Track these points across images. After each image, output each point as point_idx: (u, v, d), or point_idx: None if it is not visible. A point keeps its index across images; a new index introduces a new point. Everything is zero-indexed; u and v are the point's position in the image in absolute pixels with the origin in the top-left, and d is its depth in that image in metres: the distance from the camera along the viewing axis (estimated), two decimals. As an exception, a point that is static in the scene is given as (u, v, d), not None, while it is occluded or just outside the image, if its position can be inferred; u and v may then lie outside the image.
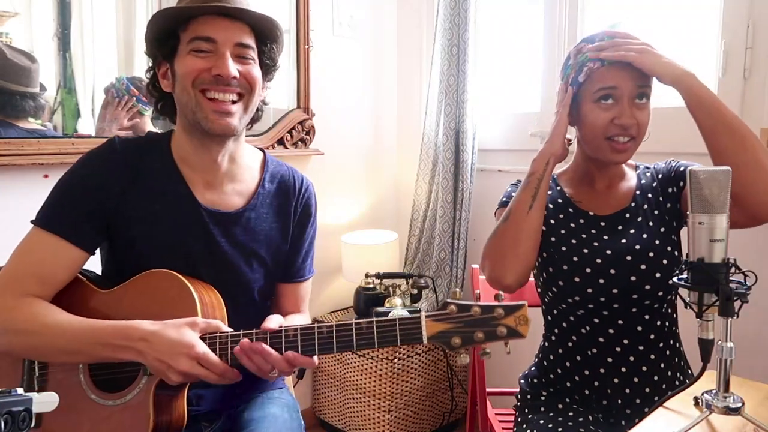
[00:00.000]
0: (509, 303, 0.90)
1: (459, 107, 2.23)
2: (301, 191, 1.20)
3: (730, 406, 0.86)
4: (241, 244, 1.11)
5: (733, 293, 0.82)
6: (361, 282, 2.21)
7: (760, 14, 1.65)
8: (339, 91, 2.35)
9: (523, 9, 2.27)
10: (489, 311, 0.90)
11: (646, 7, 1.97)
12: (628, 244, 1.14)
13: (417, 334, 0.90)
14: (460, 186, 2.25)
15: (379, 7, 2.48)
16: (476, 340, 0.89)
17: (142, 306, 1.00)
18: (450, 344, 0.89)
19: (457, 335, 0.89)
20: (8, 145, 1.49)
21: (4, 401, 0.58)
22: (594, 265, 1.14)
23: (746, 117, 1.69)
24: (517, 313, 0.90)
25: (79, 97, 1.68)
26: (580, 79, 1.14)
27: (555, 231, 1.20)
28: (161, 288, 1.01)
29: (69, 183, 1.05)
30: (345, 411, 2.21)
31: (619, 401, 1.14)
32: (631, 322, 1.14)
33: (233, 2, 1.02)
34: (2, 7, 1.53)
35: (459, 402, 2.33)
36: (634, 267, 1.12)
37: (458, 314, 0.90)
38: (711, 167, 0.87)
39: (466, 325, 0.90)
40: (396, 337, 0.91)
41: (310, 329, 0.94)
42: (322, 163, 2.28)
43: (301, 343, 0.94)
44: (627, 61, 1.08)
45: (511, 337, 0.89)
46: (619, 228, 1.17)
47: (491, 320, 0.89)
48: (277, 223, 1.17)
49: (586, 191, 1.23)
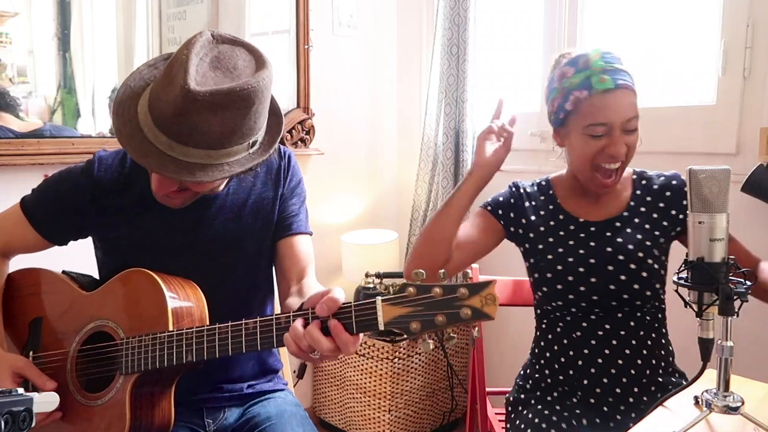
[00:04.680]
0: (475, 282, 0.79)
1: (459, 107, 2.23)
2: (284, 156, 1.19)
3: (730, 406, 0.86)
4: (233, 218, 1.12)
5: (733, 292, 0.82)
6: (361, 281, 2.20)
7: (759, 13, 1.65)
8: (339, 91, 2.35)
9: (522, 8, 2.26)
10: (451, 291, 0.79)
11: (646, 7, 1.97)
12: (615, 250, 1.16)
13: (372, 321, 0.80)
14: (460, 185, 2.24)
15: (379, 6, 2.48)
16: (437, 324, 0.78)
17: (119, 305, 1.03)
18: (409, 330, 0.79)
19: (416, 320, 0.79)
20: (8, 145, 1.49)
21: (4, 401, 0.59)
22: (576, 274, 1.16)
23: (746, 116, 1.70)
24: (483, 291, 0.78)
25: (79, 97, 1.68)
26: (566, 107, 1.14)
27: (543, 239, 1.22)
28: (135, 286, 1.03)
29: (54, 182, 1.13)
30: (345, 410, 2.21)
31: (610, 399, 1.15)
32: (618, 324, 1.16)
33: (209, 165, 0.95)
34: (2, 7, 1.53)
35: (459, 402, 2.33)
36: (614, 275, 1.14)
37: (417, 296, 0.79)
38: (711, 166, 0.87)
39: (426, 308, 0.79)
40: (352, 325, 0.81)
41: (268, 321, 0.88)
42: (322, 163, 2.28)
43: (260, 337, 0.88)
44: None
45: (478, 319, 0.78)
46: (607, 234, 1.19)
47: (454, 301, 0.78)
48: (266, 189, 1.15)
49: (578, 198, 1.24)
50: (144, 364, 0.95)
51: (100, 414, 0.98)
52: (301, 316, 0.85)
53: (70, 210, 1.10)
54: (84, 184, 1.10)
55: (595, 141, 1.11)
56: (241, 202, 1.13)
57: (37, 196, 1.13)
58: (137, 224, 1.09)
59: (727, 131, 1.72)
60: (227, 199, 1.13)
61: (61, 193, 1.10)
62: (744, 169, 1.55)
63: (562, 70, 1.15)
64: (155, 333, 0.96)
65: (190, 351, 0.93)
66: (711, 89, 1.76)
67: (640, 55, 1.93)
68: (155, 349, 0.95)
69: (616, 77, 1.10)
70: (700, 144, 1.77)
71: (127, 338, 0.98)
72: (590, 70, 1.10)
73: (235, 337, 0.90)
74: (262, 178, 1.16)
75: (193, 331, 0.93)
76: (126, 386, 0.97)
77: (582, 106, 1.11)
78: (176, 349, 0.94)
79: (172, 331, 0.96)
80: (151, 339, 0.96)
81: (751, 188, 1.54)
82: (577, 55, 1.15)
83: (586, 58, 1.12)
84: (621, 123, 1.10)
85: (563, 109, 1.14)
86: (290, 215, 1.18)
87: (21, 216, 1.11)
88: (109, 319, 1.03)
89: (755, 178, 1.53)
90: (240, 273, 1.15)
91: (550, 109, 1.20)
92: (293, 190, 1.19)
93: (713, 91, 1.75)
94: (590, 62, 1.11)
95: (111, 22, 1.74)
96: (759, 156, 1.61)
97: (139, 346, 0.96)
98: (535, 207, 1.26)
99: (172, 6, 1.85)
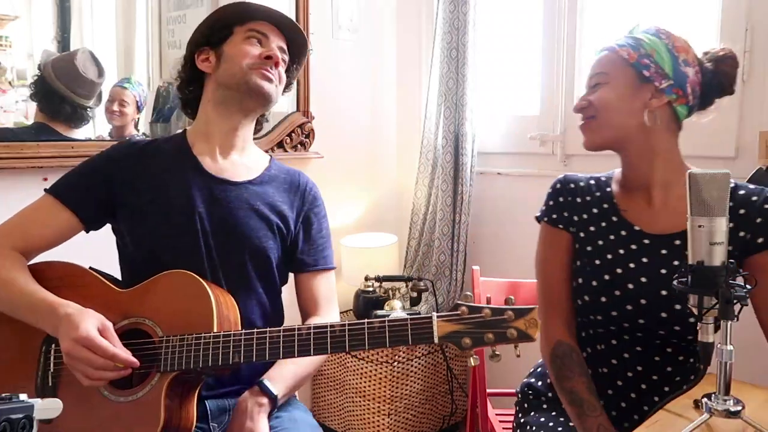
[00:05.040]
0: (520, 307, 0.92)
1: (458, 110, 2.23)
2: (307, 184, 1.29)
3: (731, 410, 0.86)
4: (247, 208, 1.17)
5: (732, 296, 0.82)
6: (361, 285, 2.20)
7: (758, 18, 1.65)
8: (338, 94, 2.35)
9: (522, 12, 2.27)
10: (499, 313, 0.92)
11: (645, 10, 1.97)
12: (667, 276, 1.06)
13: (428, 334, 0.92)
14: (459, 189, 2.24)
15: (379, 10, 2.48)
16: (486, 341, 0.91)
17: (158, 304, 1.04)
18: (461, 344, 0.92)
19: (468, 336, 0.92)
20: (7, 149, 1.49)
21: (2, 408, 0.58)
22: (624, 290, 1.08)
23: (744, 120, 1.70)
24: (527, 316, 0.91)
25: (78, 100, 1.67)
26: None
27: (592, 240, 1.15)
28: (178, 287, 1.04)
29: (85, 162, 1.19)
30: (345, 414, 2.20)
31: (625, 425, 1.09)
32: (650, 351, 1.09)
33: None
34: (2, 11, 1.53)
35: (459, 405, 2.32)
36: (666, 304, 1.05)
37: (469, 315, 0.92)
38: (711, 170, 0.86)
39: (476, 327, 0.92)
40: (408, 336, 0.93)
41: (323, 328, 0.96)
42: (321, 166, 2.28)
43: (314, 342, 0.96)
44: None
45: (521, 340, 0.91)
46: (662, 252, 1.08)
47: (501, 322, 0.91)
48: (286, 205, 1.23)
49: (636, 200, 1.14)
50: (186, 362, 0.97)
51: (130, 410, 0.98)
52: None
53: (98, 182, 1.14)
54: (109, 155, 1.18)
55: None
56: (268, 201, 1.21)
57: (62, 180, 1.16)
58: (163, 190, 1.14)
59: (726, 134, 1.72)
60: (257, 194, 1.20)
61: (87, 169, 1.17)
62: (743, 173, 1.55)
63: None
64: (199, 333, 0.99)
65: (237, 352, 0.97)
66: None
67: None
68: (199, 349, 0.98)
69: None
70: (699, 147, 1.76)
71: (167, 336, 1.00)
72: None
73: (287, 342, 0.97)
74: (283, 191, 1.24)
75: (241, 333, 0.98)
76: (162, 385, 0.98)
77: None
78: (222, 350, 0.97)
79: (218, 332, 0.99)
80: (195, 338, 0.98)
81: (751, 192, 1.54)
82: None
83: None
84: (587, 81, 1.17)
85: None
86: (314, 250, 1.27)
87: (46, 201, 1.13)
88: (146, 317, 1.03)
89: (755, 182, 1.53)
90: (275, 258, 1.21)
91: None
92: (315, 215, 1.28)
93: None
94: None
95: (111, 25, 1.74)
96: (758, 159, 1.61)
97: (181, 345, 0.98)
98: (589, 203, 1.18)
99: (172, 9, 1.85)
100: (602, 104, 1.12)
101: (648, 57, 1.10)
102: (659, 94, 1.09)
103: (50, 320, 0.99)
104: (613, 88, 1.11)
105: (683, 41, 1.12)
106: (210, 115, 1.20)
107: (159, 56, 1.85)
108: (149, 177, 1.16)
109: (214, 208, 1.15)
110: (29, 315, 1.02)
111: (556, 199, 1.21)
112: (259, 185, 1.21)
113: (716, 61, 1.12)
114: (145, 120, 1.85)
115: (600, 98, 1.12)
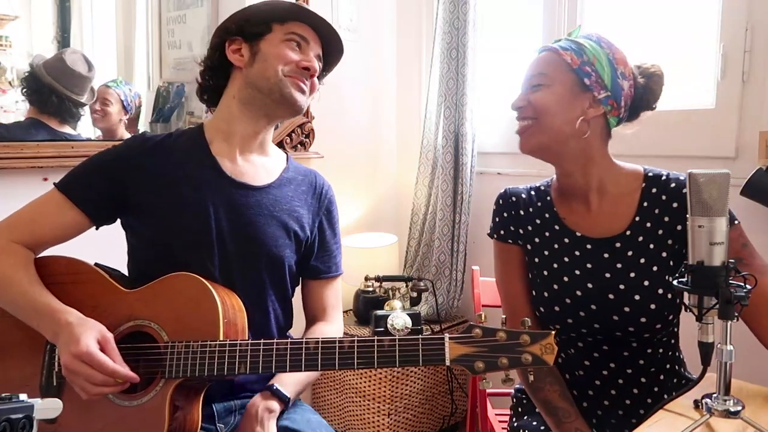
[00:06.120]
0: (537, 331, 0.89)
1: (458, 110, 2.23)
2: (323, 186, 1.28)
3: (731, 410, 0.86)
4: (267, 215, 1.15)
5: (732, 296, 0.82)
6: (361, 285, 2.20)
7: (758, 17, 1.65)
8: (338, 94, 2.35)
9: (522, 12, 2.27)
10: (515, 337, 0.88)
11: (645, 10, 1.97)
12: (611, 280, 1.08)
13: (440, 356, 0.89)
14: (459, 189, 2.24)
15: (379, 10, 2.48)
16: (500, 366, 0.88)
17: (164, 308, 1.02)
18: (473, 368, 0.88)
19: (481, 359, 0.88)
20: (7, 149, 1.49)
21: (2, 408, 0.58)
22: (574, 297, 1.10)
23: (745, 120, 1.70)
24: (543, 341, 0.88)
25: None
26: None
27: (539, 251, 1.16)
28: (185, 291, 1.02)
29: (96, 157, 1.14)
30: (344, 414, 2.20)
31: (612, 421, 1.12)
32: (618, 348, 1.11)
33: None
34: (2, 11, 1.53)
35: (459, 405, 2.32)
36: (615, 307, 1.07)
37: (483, 338, 0.89)
38: (710, 170, 0.86)
39: (490, 350, 0.88)
40: (418, 357, 0.90)
41: (331, 343, 0.94)
42: (321, 167, 2.26)
43: (322, 358, 0.94)
44: None
45: (536, 365, 0.87)
46: (605, 256, 1.09)
47: (516, 346, 0.88)
48: (304, 209, 1.21)
49: (575, 207, 1.15)
50: (191, 370, 0.95)
51: (134, 415, 0.97)
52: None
53: (108, 181, 1.11)
54: (120, 153, 1.13)
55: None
56: (285, 206, 1.19)
57: (71, 176, 1.12)
58: (179, 191, 1.10)
59: (726, 135, 1.72)
60: (275, 198, 1.18)
61: (98, 166, 1.12)
62: (743, 173, 1.55)
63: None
64: (205, 341, 0.97)
65: (243, 363, 0.94)
66: (710, 93, 1.76)
67: (640, 60, 1.93)
68: (204, 357, 0.96)
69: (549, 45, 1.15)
70: (700, 148, 1.77)
71: (173, 342, 0.98)
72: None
73: (294, 355, 0.94)
74: (300, 194, 1.23)
75: (248, 343, 0.95)
76: (167, 391, 0.96)
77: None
78: (228, 360, 0.95)
79: (225, 341, 0.96)
80: (200, 346, 0.96)
81: (751, 192, 1.54)
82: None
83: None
84: (527, 79, 1.13)
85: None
86: (324, 256, 1.28)
87: (54, 196, 1.10)
88: (151, 320, 1.01)
89: (755, 182, 1.53)
90: (289, 265, 1.20)
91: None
92: (329, 221, 1.29)
93: (712, 95, 1.76)
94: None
95: (111, 25, 1.74)
96: (758, 159, 1.61)
97: (186, 352, 0.96)
98: (531, 214, 1.18)
99: (171, 9, 1.85)
100: (542, 107, 1.08)
101: (590, 65, 1.07)
102: (596, 104, 1.07)
103: (50, 326, 0.97)
104: (553, 92, 1.08)
105: (622, 54, 1.10)
106: (234, 112, 1.16)
107: (159, 56, 1.85)
108: (164, 176, 1.11)
109: (232, 215, 1.12)
110: (30, 317, 1.01)
111: (501, 214, 1.22)
112: (278, 188, 1.19)
113: (647, 77, 1.12)
114: (145, 120, 1.85)
115: (540, 100, 1.09)
